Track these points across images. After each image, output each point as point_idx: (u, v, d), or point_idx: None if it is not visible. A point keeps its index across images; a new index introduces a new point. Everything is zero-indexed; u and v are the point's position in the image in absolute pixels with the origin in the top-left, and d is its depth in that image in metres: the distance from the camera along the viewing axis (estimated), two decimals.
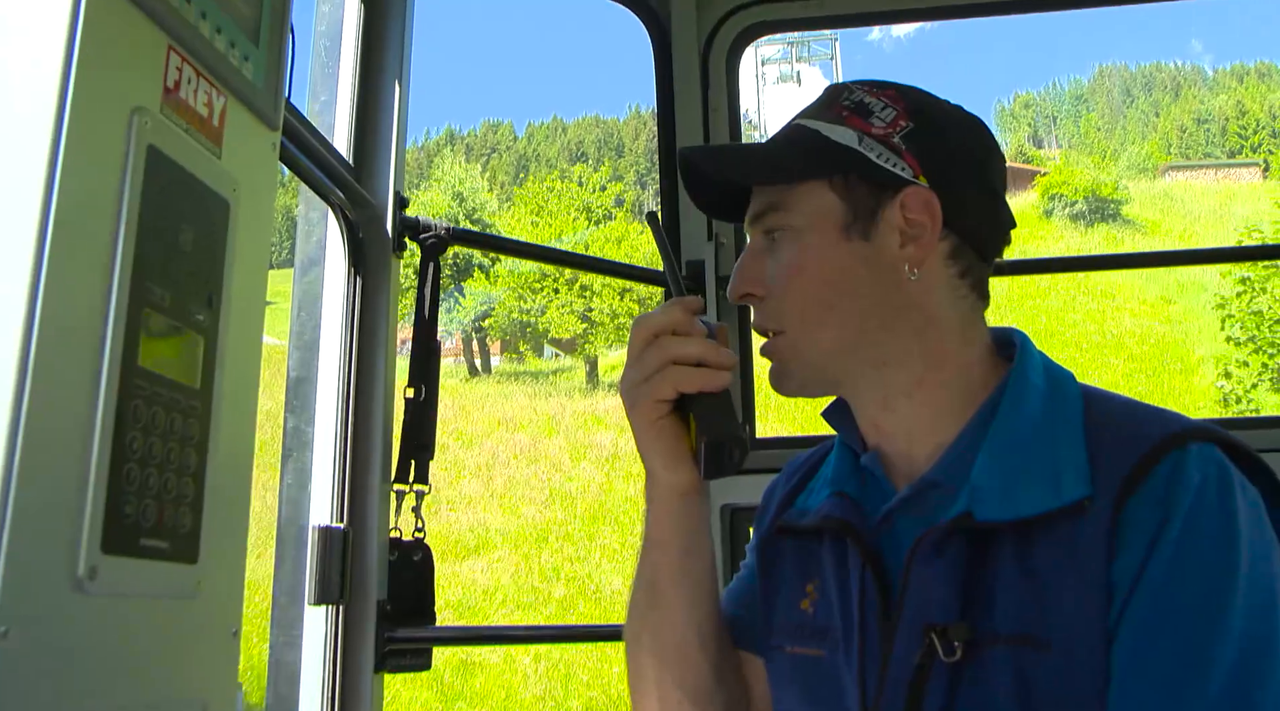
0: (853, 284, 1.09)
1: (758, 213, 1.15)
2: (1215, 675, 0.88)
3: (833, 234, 1.10)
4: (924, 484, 1.07)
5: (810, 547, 1.18)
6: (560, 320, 36.20)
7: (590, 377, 35.72)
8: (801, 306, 1.10)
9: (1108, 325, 34.91)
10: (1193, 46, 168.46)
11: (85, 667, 0.89)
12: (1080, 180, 49.01)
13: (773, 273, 1.12)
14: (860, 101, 1.13)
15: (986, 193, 1.13)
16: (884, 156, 1.09)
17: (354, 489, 1.86)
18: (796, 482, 1.27)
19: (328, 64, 1.99)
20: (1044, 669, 0.94)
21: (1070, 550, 0.96)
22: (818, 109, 1.17)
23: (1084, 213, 47.04)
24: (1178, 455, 0.96)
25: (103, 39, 0.92)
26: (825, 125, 1.13)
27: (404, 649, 1.86)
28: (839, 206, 1.10)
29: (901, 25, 17.37)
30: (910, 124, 1.11)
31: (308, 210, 1.94)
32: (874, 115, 1.11)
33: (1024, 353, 1.12)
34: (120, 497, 0.92)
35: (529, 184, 50.68)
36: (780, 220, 1.13)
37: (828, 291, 1.09)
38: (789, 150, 1.14)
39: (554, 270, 35.19)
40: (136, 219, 0.95)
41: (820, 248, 1.10)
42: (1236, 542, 0.93)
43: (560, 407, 30.08)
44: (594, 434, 27.11)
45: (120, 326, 0.93)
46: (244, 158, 1.15)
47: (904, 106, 1.12)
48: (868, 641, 1.05)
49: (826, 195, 1.11)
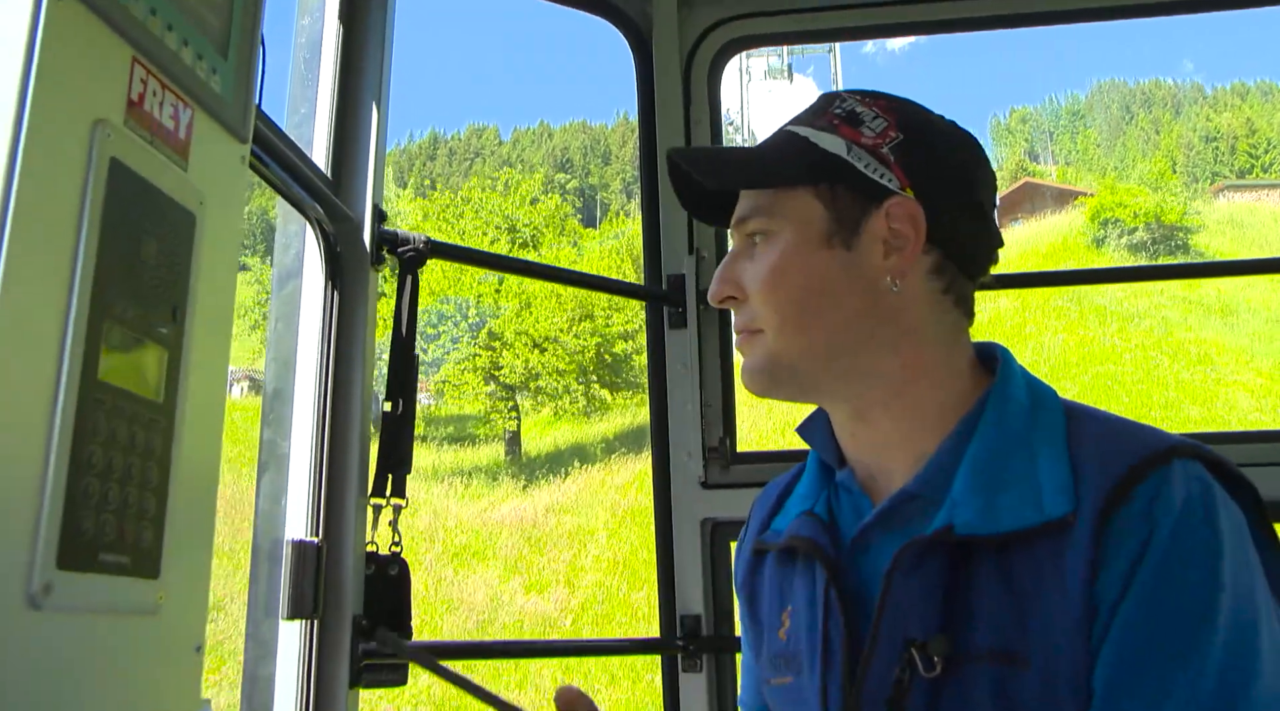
0: (832, 292, 1.09)
1: (742, 216, 1.16)
2: (1198, 693, 0.88)
3: (815, 240, 1.10)
4: (903, 496, 1.06)
5: (785, 572, 1.18)
6: (459, 379, 28.67)
7: (512, 454, 28.41)
8: (780, 310, 1.10)
9: (1216, 402, 25.38)
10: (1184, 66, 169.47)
11: (42, 686, 0.88)
12: (1140, 202, 40.01)
13: (753, 275, 1.13)
14: (852, 110, 1.13)
15: (973, 208, 1.13)
16: (871, 166, 1.09)
17: (330, 502, 1.84)
18: (770, 508, 1.27)
19: (307, 77, 1.98)
20: (1024, 685, 0.94)
21: (1052, 566, 0.95)
22: (809, 116, 1.17)
23: (1145, 242, 38.73)
24: (1162, 472, 0.96)
25: (63, 50, 0.91)
26: (815, 132, 1.13)
27: (380, 664, 1.84)
28: (823, 214, 1.10)
29: (892, 40, 17.38)
30: (900, 135, 1.11)
31: (285, 223, 1.93)
32: (864, 125, 1.12)
33: (1005, 367, 1.12)
34: (78, 512, 0.91)
35: (437, 195, 38.92)
36: (763, 225, 1.13)
37: (807, 297, 1.10)
38: (776, 156, 1.15)
39: (454, 312, 28.17)
40: (98, 231, 0.94)
41: (802, 253, 1.10)
42: (1220, 560, 0.93)
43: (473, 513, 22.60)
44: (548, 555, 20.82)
45: (80, 338, 0.92)
46: (212, 170, 1.15)
47: (895, 118, 1.12)
48: (831, 661, 1.04)
49: (812, 202, 1.11)
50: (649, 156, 2.62)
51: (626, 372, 29.07)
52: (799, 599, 1.13)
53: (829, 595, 1.06)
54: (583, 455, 27.35)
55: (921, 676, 0.97)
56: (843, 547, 1.10)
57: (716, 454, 2.45)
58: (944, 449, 1.07)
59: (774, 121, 12.56)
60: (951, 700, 0.96)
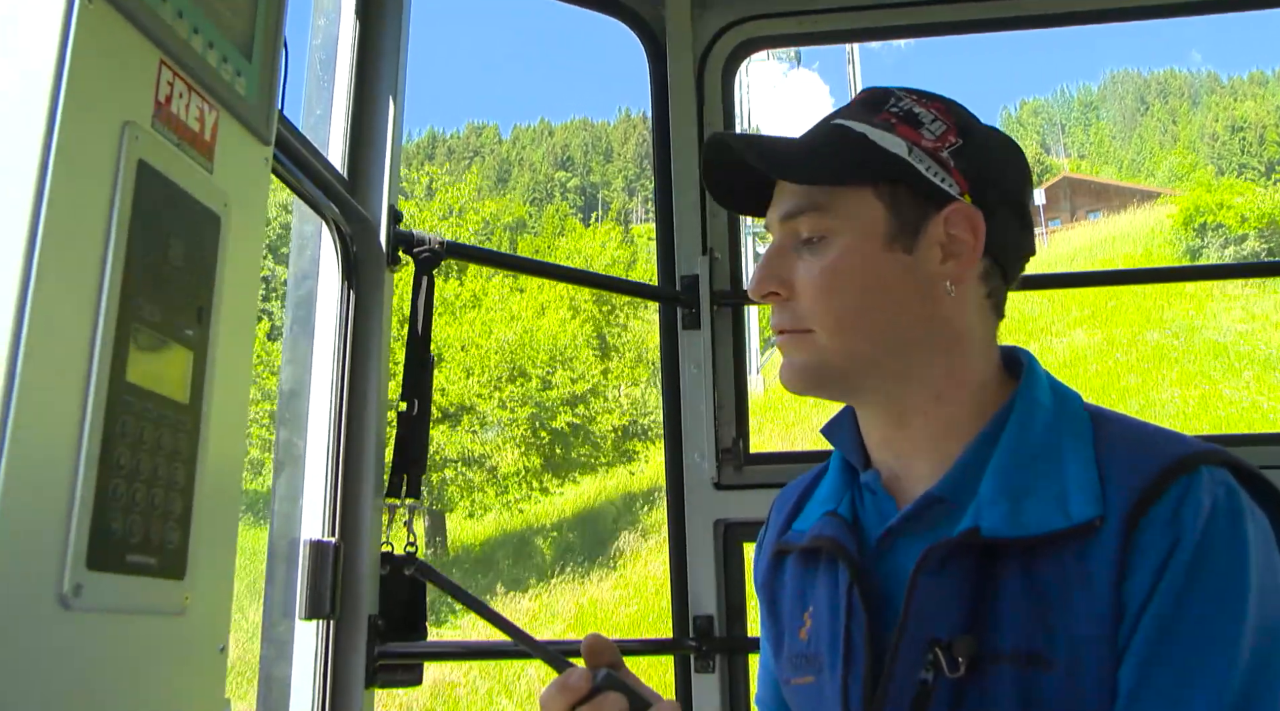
0: (891, 295, 1.08)
1: (792, 212, 1.12)
2: (1222, 698, 0.89)
3: (876, 242, 1.09)
4: (929, 499, 1.06)
5: (807, 573, 1.17)
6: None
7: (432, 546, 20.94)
8: (837, 312, 1.08)
9: None
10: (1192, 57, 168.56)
11: (70, 685, 0.88)
12: (1247, 203, 30.80)
13: (807, 274, 1.10)
14: (910, 110, 1.12)
15: (1021, 217, 1.14)
16: (933, 170, 1.09)
17: (346, 503, 1.85)
18: (790, 511, 1.26)
19: (322, 78, 1.99)
20: (1049, 687, 0.94)
21: (1078, 569, 0.96)
22: (862, 111, 1.14)
23: (1259, 252, 29.91)
24: (1190, 478, 0.96)
25: (94, 53, 0.92)
26: (872, 130, 1.11)
27: (395, 664, 1.85)
28: (884, 215, 1.09)
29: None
30: (959, 141, 1.10)
31: (302, 224, 1.94)
32: (924, 127, 1.11)
33: (1030, 371, 1.12)
34: (107, 513, 0.91)
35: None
36: (821, 223, 1.10)
37: (865, 299, 1.08)
38: (832, 151, 1.12)
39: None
40: (126, 233, 0.95)
41: (863, 255, 1.08)
42: (1246, 567, 0.93)
43: None
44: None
45: (109, 341, 0.92)
46: (236, 172, 1.15)
47: (952, 122, 1.12)
48: (853, 661, 1.04)
49: (873, 202, 1.09)
50: (663, 158, 2.63)
51: (580, 445, 21.80)
52: (821, 599, 1.13)
53: (852, 595, 1.06)
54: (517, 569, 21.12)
55: (946, 677, 0.97)
56: (866, 549, 1.10)
57: (730, 455, 2.46)
58: (970, 452, 1.06)
59: (775, 119, 11.90)
60: (975, 701, 0.96)
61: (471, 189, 29.08)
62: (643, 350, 24.81)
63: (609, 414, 22.42)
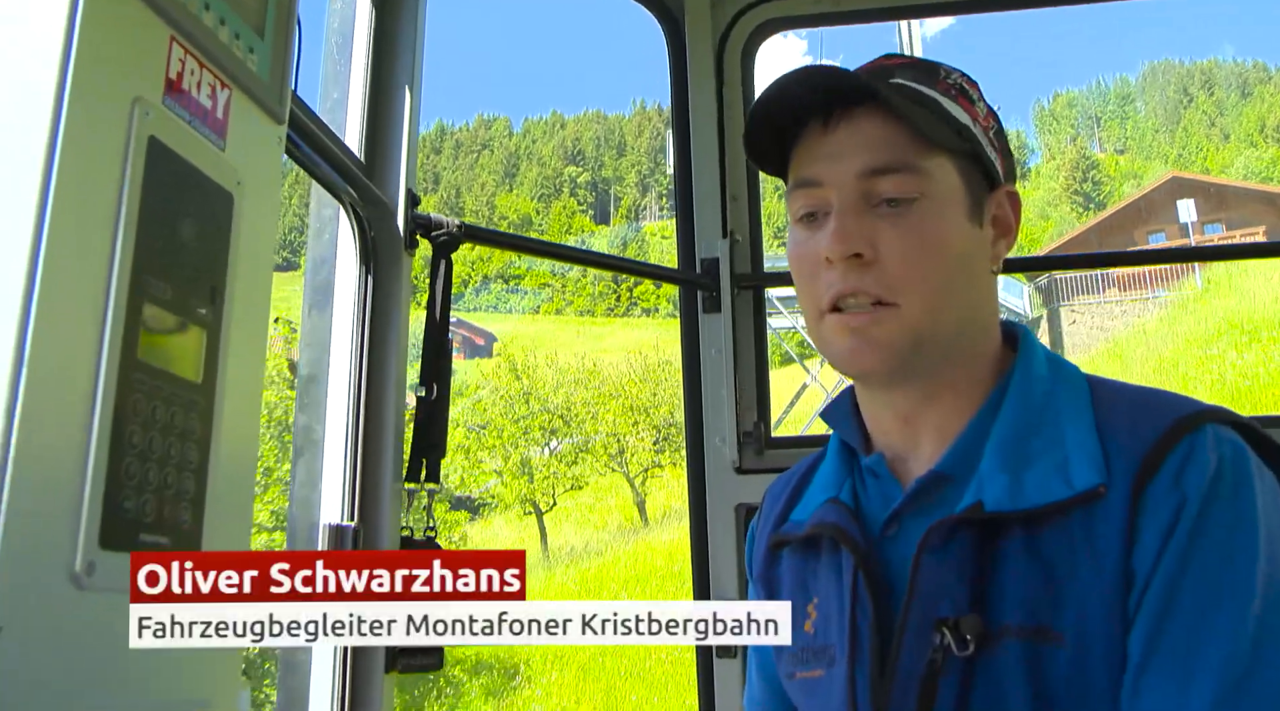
0: (973, 270, 1.07)
1: (879, 167, 1.03)
2: (1233, 658, 0.87)
3: (961, 212, 1.06)
4: (933, 477, 1.04)
5: (809, 562, 1.15)
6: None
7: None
8: (934, 284, 1.02)
9: None
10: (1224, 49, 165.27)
11: (84, 664, 0.88)
12: None
13: (897, 238, 1.02)
14: (961, 86, 1.12)
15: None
16: (989, 148, 1.09)
17: (365, 487, 1.84)
18: (787, 499, 1.24)
19: (339, 62, 1.98)
20: (1057, 659, 0.93)
21: (1085, 538, 0.94)
22: (920, 76, 1.11)
23: None
24: (1194, 436, 0.95)
25: (103, 29, 0.91)
26: (944, 98, 1.09)
27: (414, 648, 1.84)
28: (961, 186, 1.06)
29: (929, 22, 16.79)
30: (996, 124, 1.12)
31: (319, 208, 1.93)
32: (976, 104, 1.11)
33: (1027, 344, 1.11)
34: (119, 492, 0.91)
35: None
36: (912, 184, 1.03)
37: (956, 273, 1.04)
38: (926, 110, 1.06)
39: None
40: (137, 211, 0.94)
41: (957, 225, 1.05)
42: (1255, 524, 0.91)
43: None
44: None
45: (119, 319, 0.92)
46: (248, 150, 1.14)
47: (987, 106, 1.12)
48: (859, 650, 1.03)
49: (952, 171, 1.06)
50: (682, 141, 2.60)
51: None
52: (825, 589, 1.11)
53: (857, 583, 1.04)
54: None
55: (955, 655, 0.95)
56: (870, 535, 1.08)
57: (751, 439, 2.44)
58: (970, 427, 1.05)
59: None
60: (985, 677, 0.95)
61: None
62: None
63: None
